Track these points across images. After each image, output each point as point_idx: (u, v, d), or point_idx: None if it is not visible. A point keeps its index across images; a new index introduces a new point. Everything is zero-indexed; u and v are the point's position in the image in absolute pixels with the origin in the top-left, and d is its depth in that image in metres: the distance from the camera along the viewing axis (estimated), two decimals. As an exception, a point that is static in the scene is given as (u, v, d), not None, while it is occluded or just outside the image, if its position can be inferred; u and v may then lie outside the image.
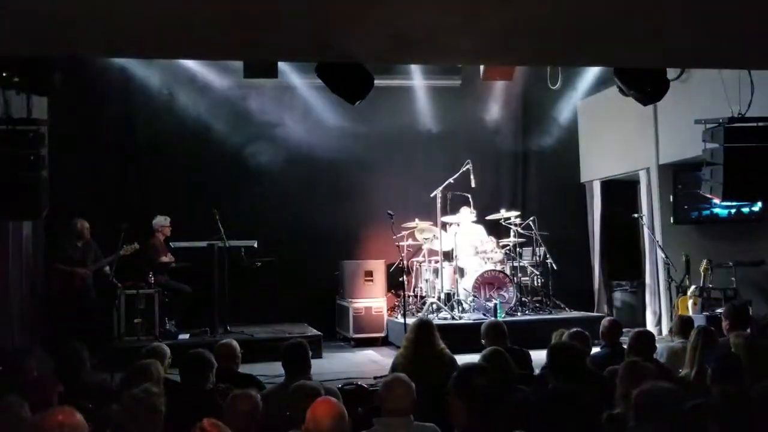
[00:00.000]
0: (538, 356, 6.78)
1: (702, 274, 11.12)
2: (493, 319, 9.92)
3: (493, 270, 12.39)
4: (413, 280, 13.22)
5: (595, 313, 13.10)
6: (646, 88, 7.85)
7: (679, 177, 12.45)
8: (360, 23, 5.80)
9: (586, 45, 6.78)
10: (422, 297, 12.91)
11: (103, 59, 11.66)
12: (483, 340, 7.15)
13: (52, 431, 3.52)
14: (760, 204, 11.83)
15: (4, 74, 6.54)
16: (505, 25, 5.97)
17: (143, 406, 4.15)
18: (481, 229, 13.23)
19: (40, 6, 5.22)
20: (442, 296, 12.43)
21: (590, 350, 6.82)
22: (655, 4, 5.70)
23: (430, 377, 5.63)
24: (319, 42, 6.40)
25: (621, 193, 14.62)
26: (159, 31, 5.96)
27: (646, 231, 13.14)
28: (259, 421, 4.57)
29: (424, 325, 6.56)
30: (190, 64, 12.44)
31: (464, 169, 12.62)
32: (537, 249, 13.18)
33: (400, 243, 12.35)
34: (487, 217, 13.34)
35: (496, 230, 13.50)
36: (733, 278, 11.58)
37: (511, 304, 12.21)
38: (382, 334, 12.59)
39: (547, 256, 13.01)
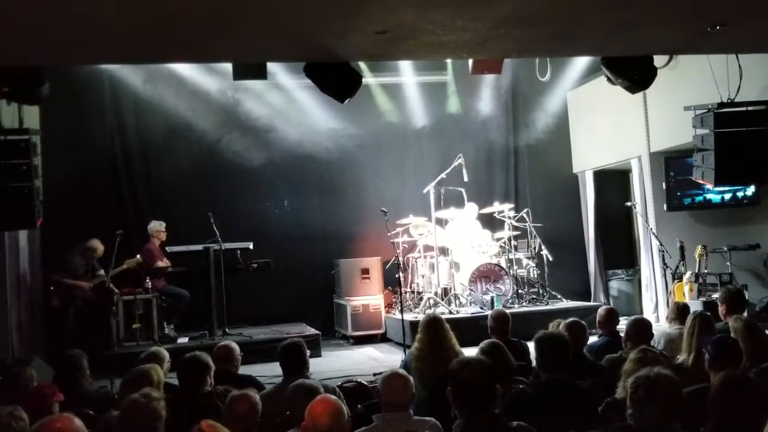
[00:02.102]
0: (534, 350, 6.80)
1: (697, 260, 11.17)
2: (500, 308, 9.94)
3: (489, 263, 12.41)
4: (409, 276, 13.25)
5: (591, 303, 13.15)
6: (634, 76, 7.88)
7: (671, 164, 12.46)
8: (346, 22, 5.81)
9: (572, 35, 6.80)
10: (419, 293, 12.92)
11: (92, 67, 11.68)
12: (489, 326, 7.28)
13: (53, 439, 3.53)
14: (752, 188, 11.87)
15: (-8, 85, 6.56)
16: (490, 18, 5.98)
17: (144, 411, 4.15)
18: (476, 223, 13.24)
19: (23, 15, 5.22)
20: (439, 291, 12.44)
21: (587, 339, 6.82)
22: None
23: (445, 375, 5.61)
24: (306, 42, 6.41)
25: (613, 182, 14.69)
26: (146, 35, 5.97)
27: (639, 219, 13.18)
28: (259, 421, 4.58)
29: (434, 322, 6.56)
30: (180, 68, 12.47)
31: (456, 163, 12.64)
32: (532, 241, 13.21)
33: (395, 240, 12.36)
34: (481, 211, 13.35)
35: (491, 223, 13.51)
36: (728, 263, 11.60)
37: (508, 297, 12.24)
38: (381, 331, 12.61)
39: (542, 247, 13.03)
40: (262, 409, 4.62)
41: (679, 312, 7.61)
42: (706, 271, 11.25)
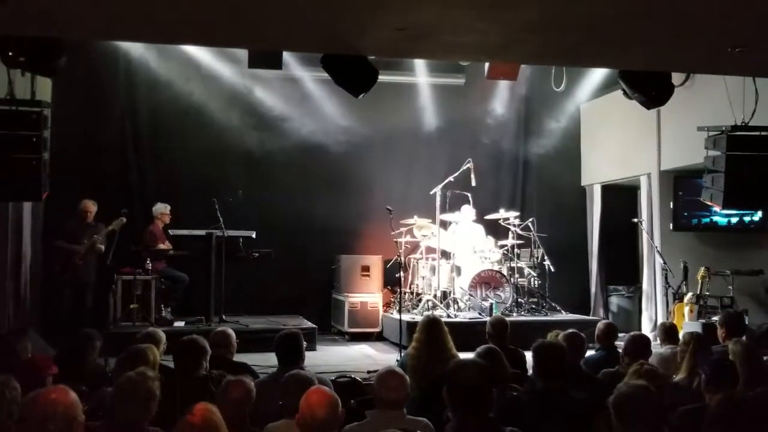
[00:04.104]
0: (531, 358, 6.79)
1: (699, 281, 11.13)
2: (498, 315, 9.92)
3: (491, 270, 12.37)
4: (410, 276, 13.21)
5: (590, 317, 13.10)
6: (651, 91, 7.86)
7: (680, 183, 12.45)
8: (368, 15, 5.80)
9: (593, 45, 6.78)
10: (418, 294, 12.88)
11: (107, 44, 11.67)
12: (487, 331, 7.31)
13: (46, 409, 3.52)
14: (760, 213, 11.85)
15: (9, 54, 6.53)
16: (512, 22, 5.97)
17: (138, 389, 4.15)
18: (479, 229, 13.21)
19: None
20: (439, 294, 12.41)
21: (585, 352, 6.81)
22: (664, 7, 5.70)
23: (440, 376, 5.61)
24: (325, 33, 6.40)
25: (621, 197, 14.64)
26: (163, 14, 5.95)
27: (645, 236, 13.15)
28: (252, 408, 4.57)
29: (433, 323, 6.56)
30: (196, 52, 12.46)
31: (465, 167, 12.60)
32: (535, 250, 13.17)
33: (398, 239, 12.33)
34: (486, 217, 13.32)
35: (495, 230, 13.48)
36: (730, 287, 11.58)
37: (507, 305, 12.19)
38: (377, 330, 12.57)
39: (545, 257, 12.99)
40: (255, 397, 4.61)
41: (667, 332, 7.67)
42: (707, 293, 11.22)
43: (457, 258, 12.66)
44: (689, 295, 11.13)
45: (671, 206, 12.56)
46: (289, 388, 4.59)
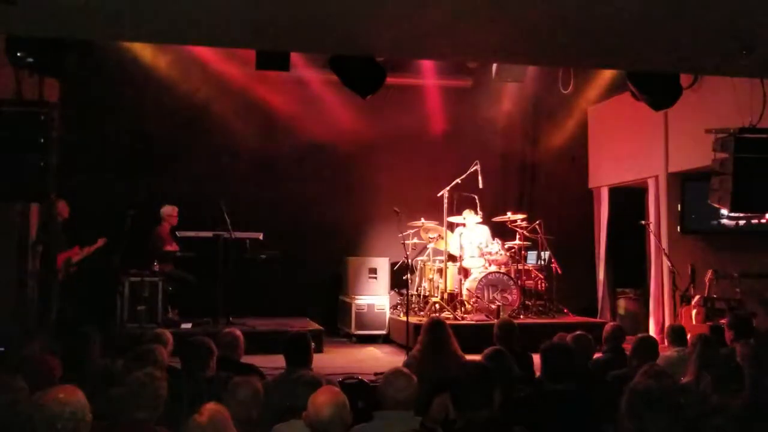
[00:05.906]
0: (539, 360, 6.78)
1: (707, 284, 11.10)
2: (506, 317, 9.91)
3: (498, 272, 12.35)
4: (417, 279, 13.17)
5: (598, 320, 13.08)
6: (659, 93, 7.84)
7: (688, 186, 12.40)
8: (376, 16, 5.80)
9: (602, 47, 6.78)
10: (425, 296, 12.85)
11: (115, 44, 11.68)
12: (495, 334, 7.26)
13: (54, 409, 3.53)
14: (768, 216, 11.83)
15: (18, 54, 6.55)
16: (521, 23, 5.96)
17: (146, 389, 4.16)
18: (486, 231, 13.19)
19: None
20: (446, 296, 12.39)
21: (593, 354, 6.81)
22: (673, 9, 5.70)
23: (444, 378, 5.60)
24: (334, 34, 6.40)
25: (629, 200, 14.57)
26: (172, 15, 5.96)
27: (652, 239, 13.11)
28: (260, 408, 4.57)
29: (437, 325, 6.54)
30: (203, 53, 12.47)
31: (472, 169, 12.57)
32: (542, 253, 13.14)
33: (406, 241, 12.31)
34: (494, 219, 13.29)
35: (502, 232, 13.45)
36: (737, 289, 11.52)
37: (515, 307, 12.17)
38: (384, 332, 12.56)
39: (552, 260, 12.97)
40: (264, 398, 4.61)
41: (674, 335, 7.63)
42: (714, 296, 11.19)
43: (464, 260, 12.65)
44: (697, 297, 11.11)
45: (679, 209, 12.52)
46: (297, 389, 4.60)
